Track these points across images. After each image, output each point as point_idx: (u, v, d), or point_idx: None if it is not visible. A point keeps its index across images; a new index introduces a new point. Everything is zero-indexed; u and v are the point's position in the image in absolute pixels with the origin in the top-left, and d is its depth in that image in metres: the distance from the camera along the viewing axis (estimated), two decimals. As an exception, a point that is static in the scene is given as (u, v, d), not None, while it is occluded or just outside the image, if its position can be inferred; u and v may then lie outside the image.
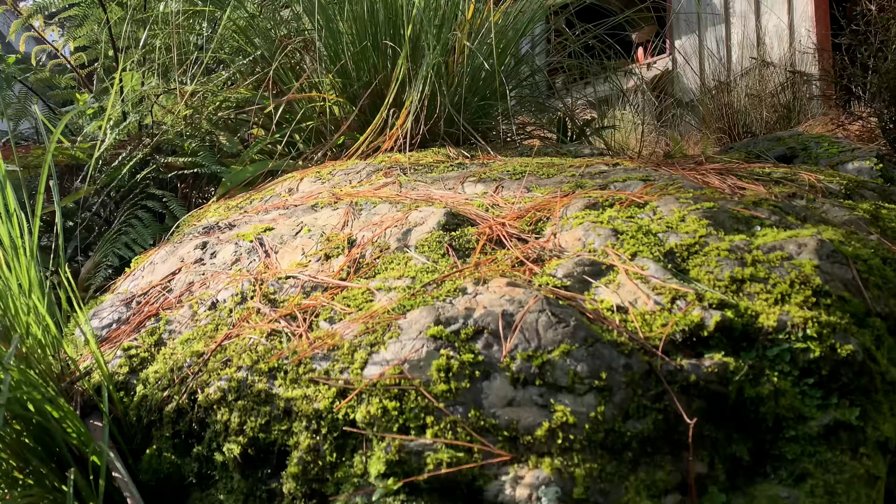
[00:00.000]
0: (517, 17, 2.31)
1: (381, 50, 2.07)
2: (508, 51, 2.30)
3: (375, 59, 2.05)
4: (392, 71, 2.03)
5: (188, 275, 1.24)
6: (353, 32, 2.05)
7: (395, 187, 1.51)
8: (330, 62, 2.17)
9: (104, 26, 2.49)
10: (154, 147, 1.95)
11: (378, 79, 2.05)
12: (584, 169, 1.44)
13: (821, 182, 1.43)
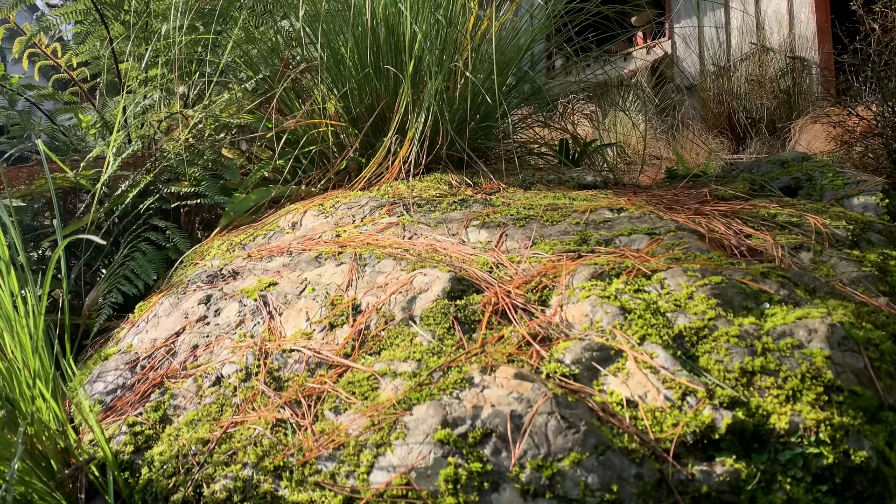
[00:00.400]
0: (516, 38, 2.25)
1: (384, 72, 2.03)
2: (510, 70, 2.25)
3: (378, 85, 2.01)
4: (395, 96, 1.99)
5: (192, 336, 1.21)
6: (356, 57, 2.00)
7: (398, 230, 1.48)
8: (333, 83, 2.12)
9: (106, 43, 2.44)
10: (157, 175, 1.92)
11: (381, 104, 2.00)
12: (587, 216, 1.40)
13: (827, 227, 1.40)
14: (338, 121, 2.04)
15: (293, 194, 1.97)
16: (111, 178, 1.96)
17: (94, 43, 2.48)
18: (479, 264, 1.22)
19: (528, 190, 1.83)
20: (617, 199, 1.55)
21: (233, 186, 1.95)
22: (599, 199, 1.58)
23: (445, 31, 2.02)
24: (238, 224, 1.90)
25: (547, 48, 2.56)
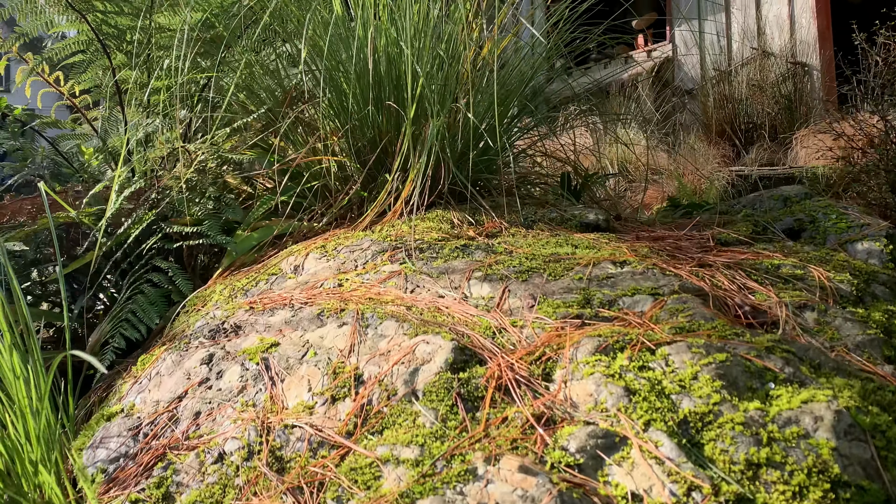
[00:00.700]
0: (517, 68, 2.23)
1: (385, 107, 2.01)
2: (511, 101, 2.23)
3: (380, 120, 1.99)
4: (397, 131, 1.97)
5: (195, 401, 1.20)
6: (358, 92, 1.98)
7: (400, 280, 1.46)
8: (335, 117, 2.11)
9: (108, 72, 2.42)
10: (159, 214, 1.90)
11: (384, 140, 1.99)
12: (590, 270, 1.38)
13: (831, 281, 1.38)
14: (341, 155, 2.02)
15: (296, 230, 1.96)
16: (114, 214, 1.94)
17: (97, 71, 2.47)
18: (482, 328, 1.21)
19: (531, 229, 1.81)
20: (619, 247, 1.54)
21: (235, 221, 1.94)
22: (602, 245, 1.56)
23: (447, 67, 2.00)
24: (242, 262, 1.89)
25: (549, 77, 2.53)
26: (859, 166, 3.57)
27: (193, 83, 2.39)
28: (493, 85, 2.05)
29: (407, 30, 1.87)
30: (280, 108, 2.19)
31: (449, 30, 2.03)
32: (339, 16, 1.97)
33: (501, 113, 2.13)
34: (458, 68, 2.05)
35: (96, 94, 2.56)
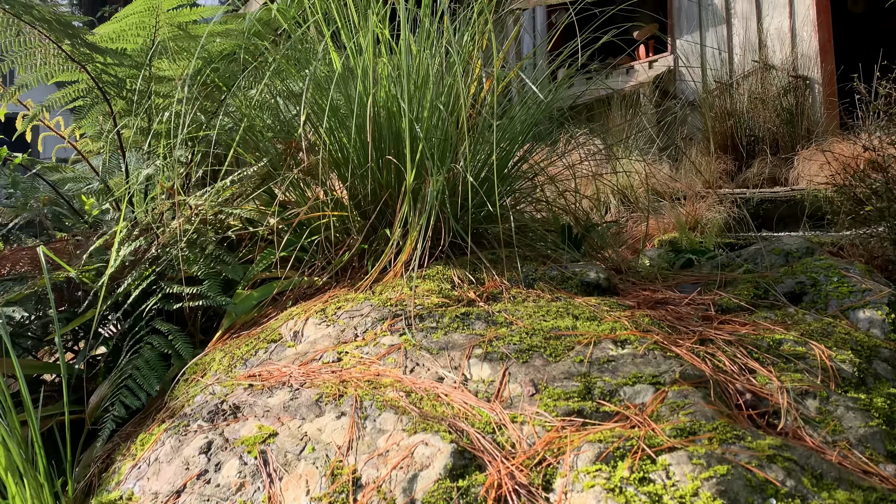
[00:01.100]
0: (513, 121, 2.21)
1: (385, 162, 1.99)
2: (512, 151, 2.21)
3: (380, 177, 1.97)
4: (398, 185, 1.96)
5: (193, 497, 1.19)
6: (358, 145, 1.97)
7: (399, 357, 1.45)
8: (335, 167, 2.09)
9: (109, 117, 2.41)
10: (159, 273, 1.89)
11: (385, 195, 1.97)
12: (591, 351, 1.37)
13: (833, 360, 1.36)
14: (341, 210, 2.01)
15: (297, 286, 1.94)
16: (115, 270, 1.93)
17: (97, 117, 2.46)
18: (482, 424, 1.19)
19: (531, 288, 1.80)
20: (620, 318, 1.52)
21: (239, 270, 1.93)
22: (603, 315, 1.54)
23: (447, 121, 1.98)
24: (242, 321, 1.87)
25: (549, 130, 2.51)
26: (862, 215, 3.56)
27: (195, 124, 2.38)
28: (493, 132, 2.03)
29: (406, 88, 1.86)
30: (281, 159, 2.17)
31: (448, 82, 2.01)
32: (339, 74, 1.95)
33: (500, 164, 2.11)
34: (460, 114, 2.04)
35: (97, 138, 2.55)
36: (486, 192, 2.08)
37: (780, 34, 6.17)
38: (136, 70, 2.18)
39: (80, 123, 2.45)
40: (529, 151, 2.30)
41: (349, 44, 1.95)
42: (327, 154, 2.07)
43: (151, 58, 2.14)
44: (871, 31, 7.79)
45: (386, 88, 1.95)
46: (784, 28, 6.13)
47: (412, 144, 1.79)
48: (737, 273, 1.92)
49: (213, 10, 2.43)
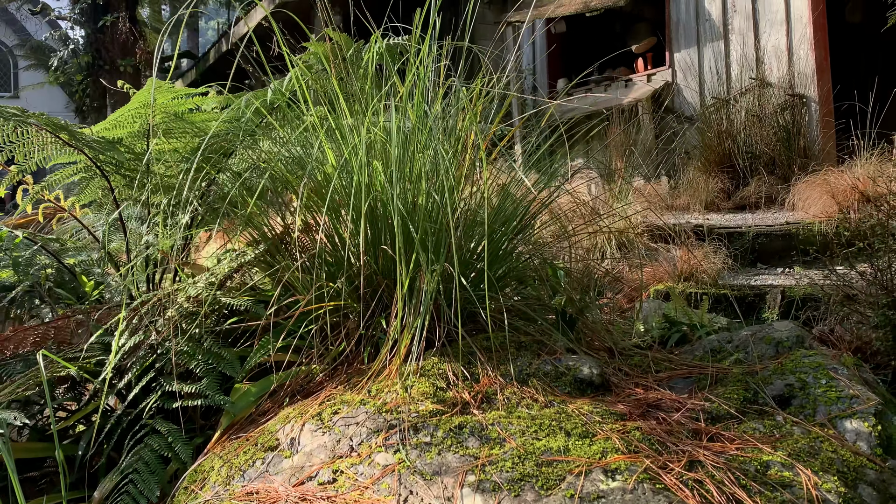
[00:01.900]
0: (502, 212, 2.20)
1: (381, 250, 2.00)
2: (500, 245, 2.20)
3: (376, 267, 1.98)
4: (394, 280, 1.96)
5: None
6: (356, 236, 1.97)
7: (393, 483, 1.46)
8: (333, 253, 2.10)
9: (107, 192, 2.42)
10: (158, 369, 1.90)
11: (382, 285, 1.98)
12: (581, 484, 1.38)
13: (818, 489, 1.37)
14: (339, 300, 2.02)
15: (295, 377, 1.95)
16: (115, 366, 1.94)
17: (97, 191, 2.46)
18: (473, 577, 1.20)
19: (525, 385, 1.81)
20: (610, 434, 1.53)
21: (233, 375, 1.94)
22: (594, 428, 1.55)
23: (440, 213, 1.98)
24: (241, 417, 1.89)
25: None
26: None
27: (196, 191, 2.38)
28: (485, 215, 2.04)
29: (397, 195, 1.86)
30: (279, 240, 2.18)
31: (441, 174, 2.01)
32: (330, 175, 1.95)
33: (492, 251, 2.12)
34: (454, 200, 2.04)
35: (96, 208, 2.56)
36: (479, 278, 2.09)
37: (778, 52, 6.13)
38: (132, 154, 2.18)
39: (80, 196, 2.46)
40: (523, 230, 2.30)
41: (346, 150, 1.95)
42: (324, 248, 2.07)
43: (148, 147, 2.14)
44: (869, 40, 7.74)
45: (381, 180, 1.95)
46: (781, 46, 6.10)
47: (406, 247, 1.79)
48: (727, 364, 1.92)
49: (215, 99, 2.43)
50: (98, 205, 2.51)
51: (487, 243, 1.93)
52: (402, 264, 1.78)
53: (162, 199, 2.35)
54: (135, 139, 2.21)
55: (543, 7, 7.59)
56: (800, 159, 5.72)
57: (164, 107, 2.12)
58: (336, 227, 2.02)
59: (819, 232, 3.99)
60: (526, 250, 2.37)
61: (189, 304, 2.03)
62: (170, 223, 2.35)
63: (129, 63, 11.12)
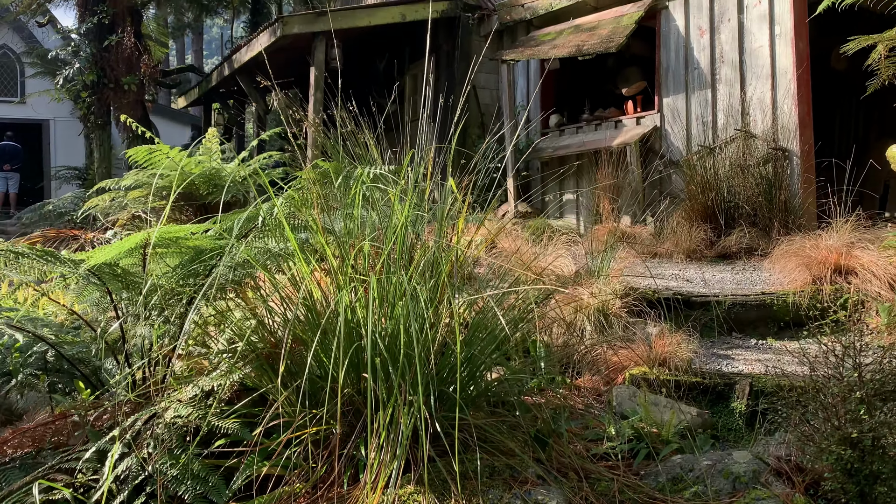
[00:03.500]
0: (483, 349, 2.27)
1: (363, 378, 2.07)
2: (478, 370, 2.27)
3: (359, 388, 2.05)
4: (375, 411, 2.03)
5: None
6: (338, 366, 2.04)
7: None
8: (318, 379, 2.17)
9: (105, 295, 2.48)
10: (149, 494, 1.97)
11: (362, 415, 2.05)
12: None
13: None
14: (322, 425, 2.08)
15: (278, 500, 2.02)
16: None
17: (95, 292, 2.53)
18: None
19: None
20: None
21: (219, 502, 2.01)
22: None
23: (420, 349, 2.05)
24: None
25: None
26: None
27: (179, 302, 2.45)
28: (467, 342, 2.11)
29: (380, 328, 1.93)
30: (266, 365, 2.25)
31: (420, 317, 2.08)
32: (312, 320, 2.02)
33: (467, 383, 2.19)
34: (433, 335, 2.11)
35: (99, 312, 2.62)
36: (464, 394, 2.16)
37: (763, 104, 6.21)
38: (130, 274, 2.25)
39: (80, 299, 2.52)
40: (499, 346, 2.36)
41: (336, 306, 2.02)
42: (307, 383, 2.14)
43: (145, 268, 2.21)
44: (853, 88, 7.81)
45: (362, 315, 2.02)
46: (766, 99, 6.18)
47: (385, 376, 1.86)
48: (687, 496, 2.00)
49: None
50: (96, 302, 2.57)
51: (459, 388, 2.00)
52: (381, 404, 1.85)
53: (155, 298, 2.42)
54: (133, 259, 2.27)
55: (538, 47, 7.65)
56: (780, 214, 5.80)
57: (162, 235, 2.18)
58: (321, 356, 2.09)
59: (793, 303, 4.07)
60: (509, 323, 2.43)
61: (179, 419, 2.10)
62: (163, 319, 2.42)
63: (133, 81, 11.16)
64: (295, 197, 2.23)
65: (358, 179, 2.14)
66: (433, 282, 2.15)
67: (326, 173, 2.37)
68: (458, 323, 1.87)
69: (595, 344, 3.33)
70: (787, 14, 5.99)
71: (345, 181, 2.35)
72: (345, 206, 2.29)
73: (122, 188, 6.52)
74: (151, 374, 2.57)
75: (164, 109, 19.33)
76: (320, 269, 2.36)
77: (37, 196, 17.72)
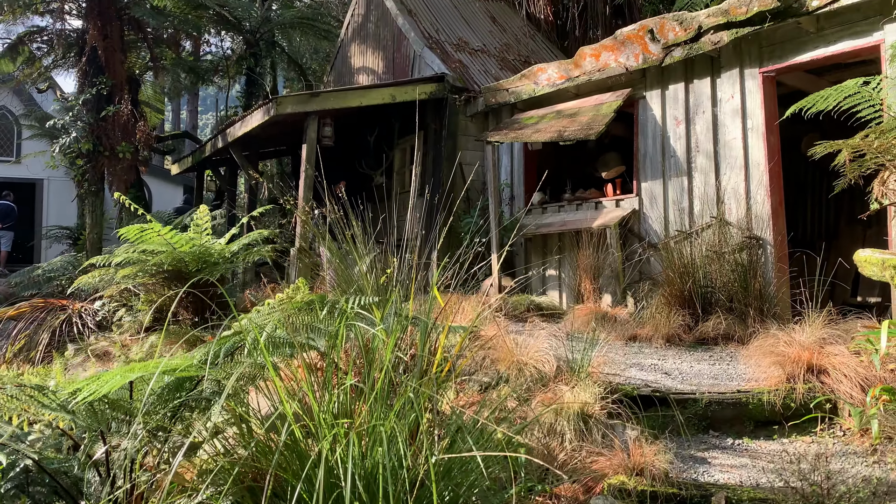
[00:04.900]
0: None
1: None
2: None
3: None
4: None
5: None
6: None
7: None
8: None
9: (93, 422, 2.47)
10: None
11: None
12: None
13: None
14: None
15: None
16: None
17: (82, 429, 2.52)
18: None
19: None
20: None
21: None
22: None
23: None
24: None
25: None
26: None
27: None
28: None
29: (360, 468, 1.93)
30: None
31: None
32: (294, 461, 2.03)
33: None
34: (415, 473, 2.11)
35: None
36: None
37: (737, 194, 6.35)
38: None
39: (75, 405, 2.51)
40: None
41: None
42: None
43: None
44: (823, 172, 8.01)
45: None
46: (740, 189, 6.32)
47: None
48: None
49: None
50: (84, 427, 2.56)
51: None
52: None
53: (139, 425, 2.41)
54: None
55: (521, 131, 7.82)
56: (756, 301, 5.87)
57: (143, 368, 2.19)
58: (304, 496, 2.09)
59: (768, 402, 4.10)
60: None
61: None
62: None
63: (128, 149, 11.25)
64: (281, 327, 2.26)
65: (342, 315, 2.17)
66: (413, 416, 2.16)
67: (312, 302, 2.41)
68: (434, 483, 1.87)
69: (574, 450, 3.33)
70: (759, 109, 6.19)
71: (329, 312, 2.38)
72: (328, 334, 2.31)
73: (113, 265, 6.51)
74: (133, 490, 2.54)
75: (157, 170, 19.45)
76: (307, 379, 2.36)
77: (27, 254, 17.65)
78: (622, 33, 7.18)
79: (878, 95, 4.28)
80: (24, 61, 12.62)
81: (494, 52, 10.93)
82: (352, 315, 2.27)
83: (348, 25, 12.61)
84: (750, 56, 6.29)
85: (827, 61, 5.92)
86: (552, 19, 12.68)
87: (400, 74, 10.58)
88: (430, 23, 10.82)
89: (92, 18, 10.94)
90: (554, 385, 4.04)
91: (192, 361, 2.12)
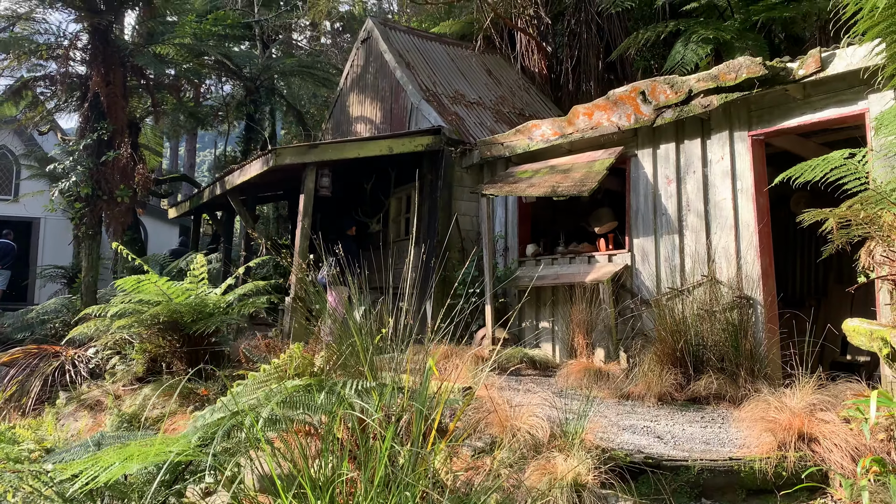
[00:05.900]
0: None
1: None
2: None
3: None
4: None
5: None
6: None
7: None
8: None
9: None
10: None
11: None
12: None
13: None
14: None
15: None
16: None
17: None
18: None
19: None
20: None
21: None
22: None
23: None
24: None
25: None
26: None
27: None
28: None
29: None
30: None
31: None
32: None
33: None
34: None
35: None
36: None
37: (727, 253, 6.42)
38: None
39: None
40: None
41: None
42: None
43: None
44: (812, 230, 8.10)
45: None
46: (730, 249, 6.39)
47: None
48: None
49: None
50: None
51: None
52: None
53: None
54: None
55: (516, 185, 7.91)
56: (746, 361, 5.89)
57: (140, 447, 2.19)
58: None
59: (759, 470, 4.09)
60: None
61: None
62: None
63: (126, 193, 11.30)
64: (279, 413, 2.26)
65: (340, 401, 2.18)
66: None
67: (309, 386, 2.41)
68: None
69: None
70: (748, 171, 6.29)
71: (328, 395, 2.39)
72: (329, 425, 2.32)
73: (108, 316, 6.49)
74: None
75: (154, 210, 19.47)
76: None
77: (20, 293, 17.54)
78: (615, 94, 7.32)
79: (863, 168, 4.37)
80: (27, 105, 12.73)
81: (490, 104, 11.10)
82: (347, 402, 2.28)
83: (347, 75, 12.80)
84: (739, 119, 6.42)
85: (814, 126, 6.04)
86: (546, 73, 12.91)
87: (397, 125, 10.71)
88: (428, 76, 11.00)
89: (96, 66, 11.07)
90: (547, 452, 4.02)
91: (189, 446, 2.12)
